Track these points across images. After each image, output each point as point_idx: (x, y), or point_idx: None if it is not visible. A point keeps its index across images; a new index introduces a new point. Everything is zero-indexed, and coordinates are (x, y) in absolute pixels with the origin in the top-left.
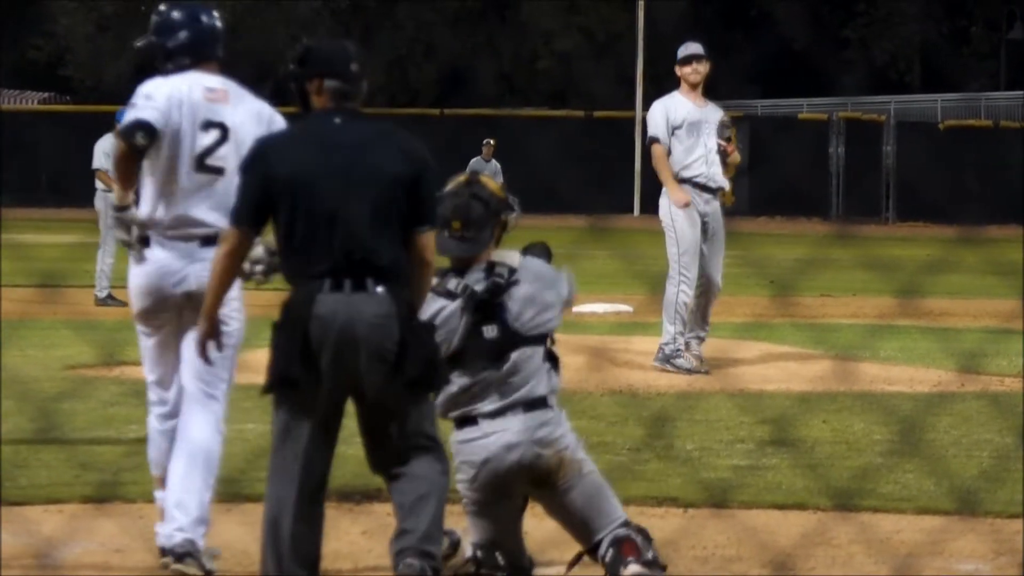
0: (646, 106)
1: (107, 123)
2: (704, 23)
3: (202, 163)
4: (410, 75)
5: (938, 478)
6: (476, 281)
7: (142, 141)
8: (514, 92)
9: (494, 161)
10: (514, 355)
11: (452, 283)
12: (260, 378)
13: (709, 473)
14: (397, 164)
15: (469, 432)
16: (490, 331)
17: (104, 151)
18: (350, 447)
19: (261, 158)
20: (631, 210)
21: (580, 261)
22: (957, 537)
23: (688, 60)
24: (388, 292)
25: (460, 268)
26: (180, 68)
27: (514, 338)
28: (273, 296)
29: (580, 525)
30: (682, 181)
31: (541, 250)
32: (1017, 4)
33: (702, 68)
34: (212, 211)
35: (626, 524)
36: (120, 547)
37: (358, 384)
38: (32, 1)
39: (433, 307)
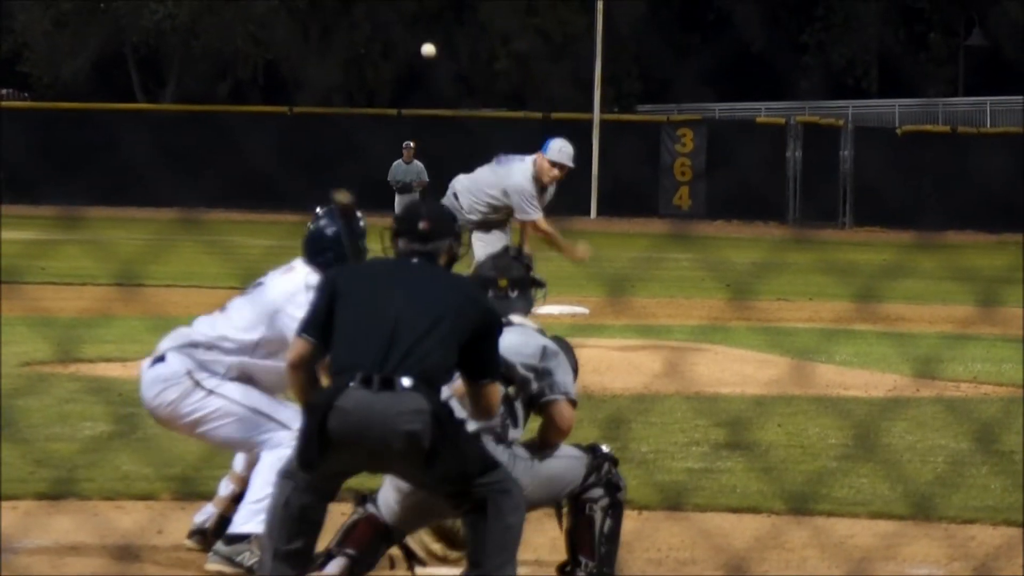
0: (604, 108)
1: (67, 119)
2: (662, 25)
3: None
4: (367, 75)
5: (892, 483)
6: None
7: None
8: (472, 93)
9: (416, 163)
10: None
11: None
12: None
13: (664, 475)
14: (462, 301)
15: None
16: None
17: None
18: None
19: (333, 278)
20: (588, 212)
21: (537, 263)
22: (911, 542)
23: (563, 168)
24: (418, 391)
25: None
26: None
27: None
28: (226, 295)
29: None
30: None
31: (565, 345)
32: (976, 10)
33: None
34: None
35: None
36: (75, 544)
37: (385, 468)
38: None
39: None
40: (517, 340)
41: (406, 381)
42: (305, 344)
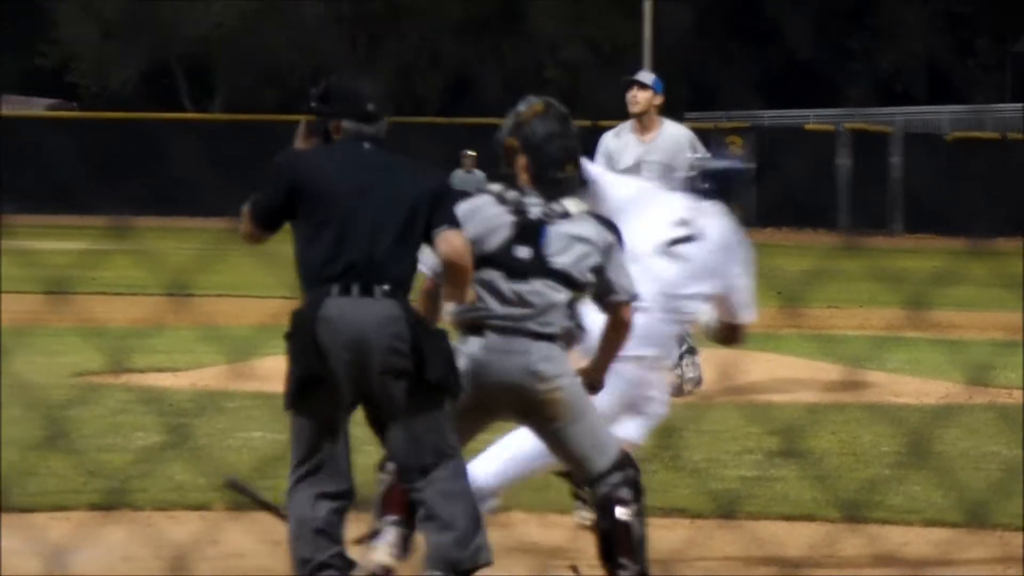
0: None
1: (115, 128)
2: (710, 34)
3: None
4: (416, 84)
5: (946, 490)
6: (532, 204)
7: None
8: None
9: (477, 172)
10: (537, 283)
11: (510, 194)
12: (267, 386)
13: (717, 484)
14: (419, 183)
15: (473, 341)
16: (523, 251)
17: None
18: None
19: (290, 167)
20: None
21: None
22: (965, 549)
23: (628, 85)
24: (395, 299)
25: (519, 185)
26: None
27: (543, 268)
28: (277, 304)
29: (576, 460)
30: None
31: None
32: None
33: (642, 96)
34: None
35: (622, 467)
36: (127, 555)
37: (372, 385)
38: (38, 8)
39: (476, 202)
40: (585, 230)
41: (384, 288)
42: (259, 230)
